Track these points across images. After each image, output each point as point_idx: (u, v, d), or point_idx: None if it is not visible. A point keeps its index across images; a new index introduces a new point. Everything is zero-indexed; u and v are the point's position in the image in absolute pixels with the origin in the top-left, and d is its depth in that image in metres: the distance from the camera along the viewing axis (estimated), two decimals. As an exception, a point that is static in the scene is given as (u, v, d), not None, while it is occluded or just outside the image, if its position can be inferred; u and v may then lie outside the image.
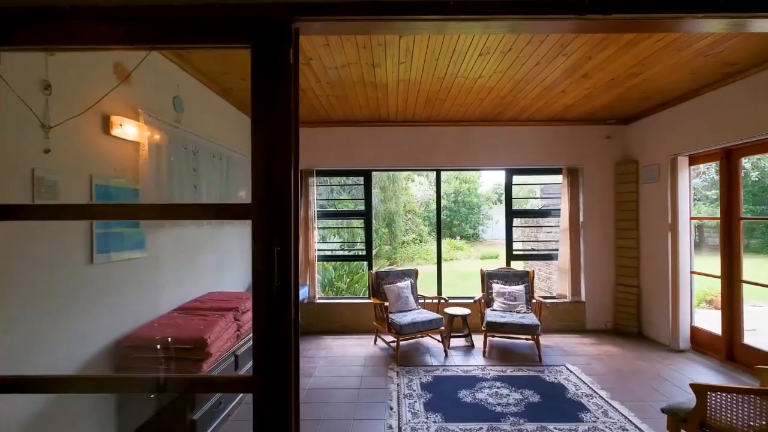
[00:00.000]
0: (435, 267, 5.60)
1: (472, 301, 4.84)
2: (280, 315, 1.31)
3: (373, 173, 5.48)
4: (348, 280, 7.49)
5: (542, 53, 3.08)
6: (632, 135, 5.09)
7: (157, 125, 2.74)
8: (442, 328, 4.28)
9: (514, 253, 5.47)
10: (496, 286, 4.71)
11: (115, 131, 2.35)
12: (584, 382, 3.49)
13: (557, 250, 5.42)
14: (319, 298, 5.28)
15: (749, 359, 3.63)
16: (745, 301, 3.79)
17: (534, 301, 4.51)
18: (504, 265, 5.24)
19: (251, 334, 1.32)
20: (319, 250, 5.45)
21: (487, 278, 4.82)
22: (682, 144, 4.24)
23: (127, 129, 2.44)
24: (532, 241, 8.12)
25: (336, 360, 4.15)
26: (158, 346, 2.14)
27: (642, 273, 4.93)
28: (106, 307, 2.31)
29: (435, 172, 5.56)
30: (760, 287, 3.72)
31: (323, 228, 6.88)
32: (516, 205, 5.53)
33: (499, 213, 20.86)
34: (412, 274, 4.92)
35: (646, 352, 4.30)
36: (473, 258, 16.57)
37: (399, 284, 4.69)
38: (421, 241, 16.86)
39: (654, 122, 4.66)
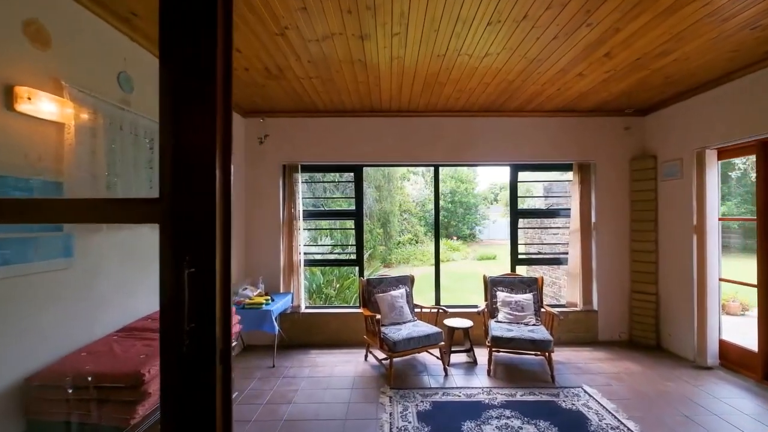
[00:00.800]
0: (431, 268, 5.09)
1: (474, 310, 4.34)
2: (194, 381, 0.80)
3: (366, 169, 4.95)
4: (338, 285, 6.94)
5: (562, 22, 2.58)
6: (650, 127, 4.61)
7: (91, 103, 2.21)
8: (442, 343, 3.77)
9: (520, 257, 4.97)
10: (501, 295, 4.21)
11: (23, 107, 1.81)
12: (607, 410, 3.00)
13: (565, 253, 4.94)
14: (305, 307, 4.77)
15: (794, 381, 3.18)
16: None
17: (543, 311, 4.03)
18: (508, 270, 4.76)
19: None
20: (306, 253, 4.93)
21: (491, 285, 4.32)
22: (710, 136, 3.77)
23: (43, 105, 1.90)
24: (536, 244, 7.63)
25: (320, 381, 3.63)
26: (69, 389, 1.62)
27: (661, 279, 4.46)
28: (8, 335, 1.78)
29: (432, 168, 5.05)
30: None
31: (311, 229, 6.36)
32: (520, 205, 5.03)
33: (496, 213, 20.48)
34: (407, 281, 4.41)
35: (669, 370, 3.82)
36: (470, 259, 16.13)
37: (392, 293, 4.18)
38: (416, 242, 16.40)
39: (676, 112, 4.19)
